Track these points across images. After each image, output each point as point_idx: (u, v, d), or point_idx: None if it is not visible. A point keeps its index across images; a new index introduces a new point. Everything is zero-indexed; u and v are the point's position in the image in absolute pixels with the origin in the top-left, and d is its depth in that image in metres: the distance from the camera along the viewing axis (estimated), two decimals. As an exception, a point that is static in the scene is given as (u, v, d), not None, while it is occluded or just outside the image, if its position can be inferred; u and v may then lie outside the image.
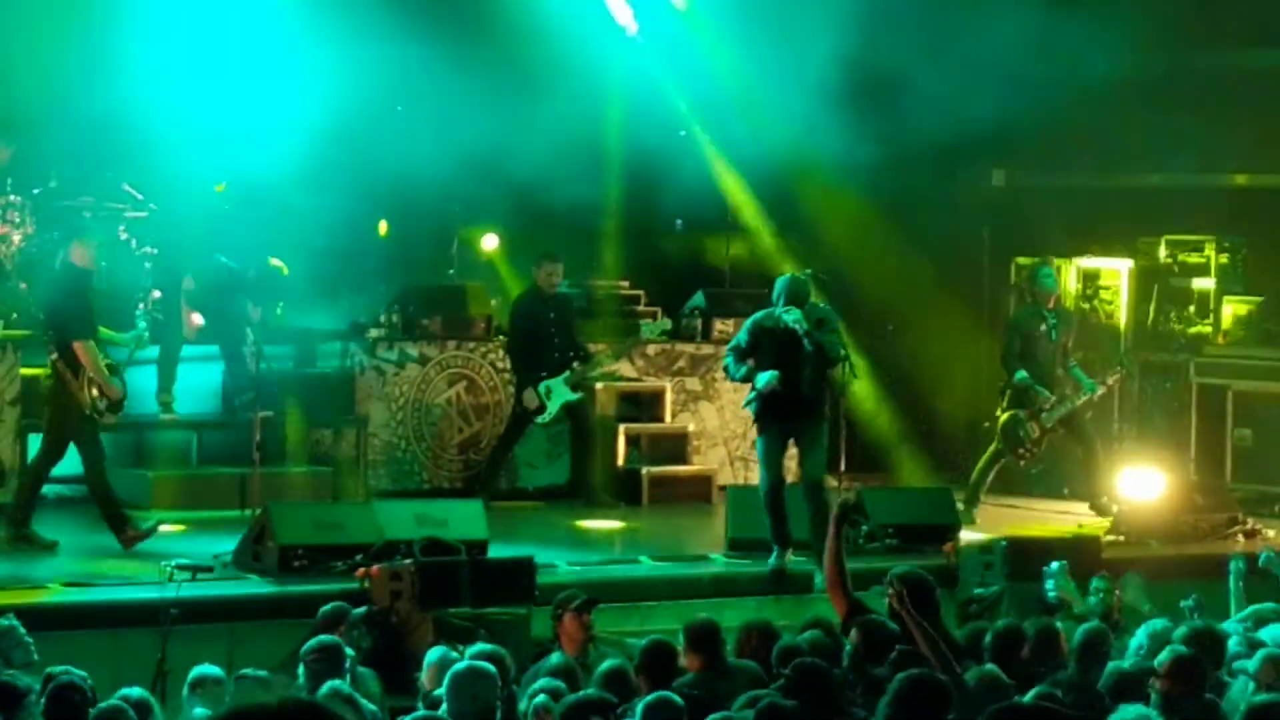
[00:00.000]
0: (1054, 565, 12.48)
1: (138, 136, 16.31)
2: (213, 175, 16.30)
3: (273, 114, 15.90)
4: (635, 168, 17.90)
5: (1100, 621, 10.90)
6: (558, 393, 16.05)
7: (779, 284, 13.93)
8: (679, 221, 18.62)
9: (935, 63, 17.72)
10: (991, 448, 16.28)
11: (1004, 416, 16.11)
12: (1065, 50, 18.17)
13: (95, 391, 13.26)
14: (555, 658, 10.36)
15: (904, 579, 9.97)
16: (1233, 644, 10.15)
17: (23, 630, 9.71)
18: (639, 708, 8.33)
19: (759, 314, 14.00)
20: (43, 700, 8.42)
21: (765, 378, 13.60)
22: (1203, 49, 18.25)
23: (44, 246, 16.23)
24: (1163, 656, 9.08)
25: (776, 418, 13.74)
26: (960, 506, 15.76)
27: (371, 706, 9.19)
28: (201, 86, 16.22)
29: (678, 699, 8.42)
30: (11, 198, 16.31)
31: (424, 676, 9.60)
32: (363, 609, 11.35)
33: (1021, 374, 15.93)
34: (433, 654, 9.74)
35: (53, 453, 13.49)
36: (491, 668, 8.61)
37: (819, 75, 17.11)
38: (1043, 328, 16.13)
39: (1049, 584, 12.30)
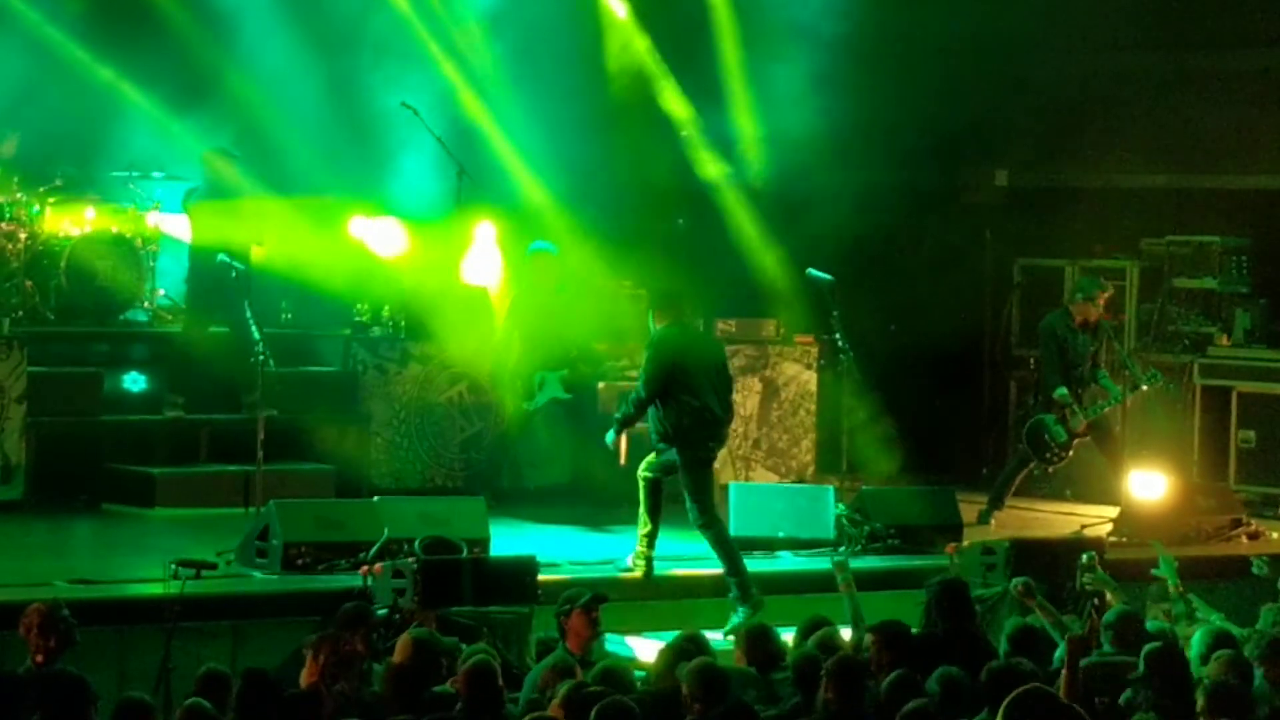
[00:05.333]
0: (1085, 557, 12.44)
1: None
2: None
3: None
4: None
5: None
6: (550, 387, 16.08)
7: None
8: (680, 221, 18.64)
9: (940, 61, 17.78)
10: (1017, 452, 16.27)
11: (1030, 421, 16.06)
12: (1069, 49, 18.22)
13: None
14: (558, 654, 10.40)
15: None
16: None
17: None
18: None
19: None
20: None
21: None
22: (1205, 48, 18.27)
23: (49, 244, 16.32)
24: None
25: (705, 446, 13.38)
26: (983, 507, 15.83)
27: None
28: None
29: None
30: (17, 195, 16.37)
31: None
32: (383, 610, 11.38)
33: (1061, 390, 15.79)
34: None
35: None
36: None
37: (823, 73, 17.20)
38: (1074, 335, 16.01)
39: (1084, 577, 12.23)
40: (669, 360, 13.27)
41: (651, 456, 13.45)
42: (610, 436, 13.73)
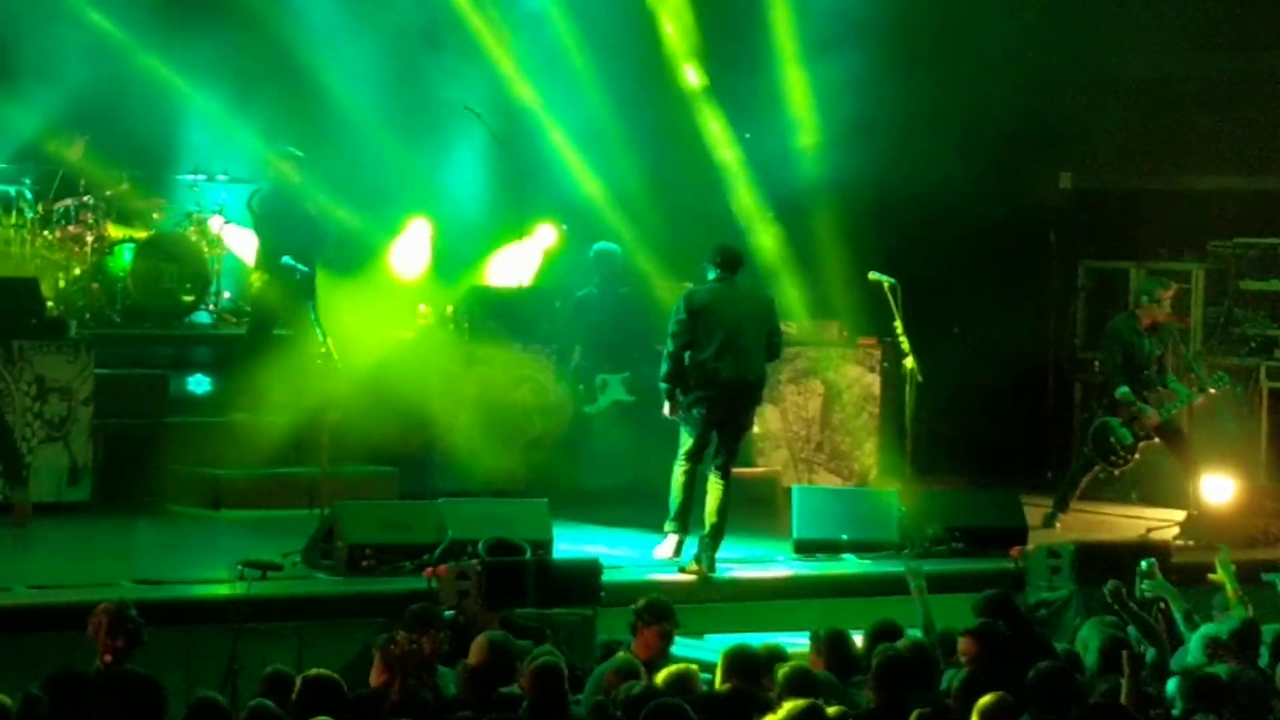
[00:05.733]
0: (1144, 564, 12.30)
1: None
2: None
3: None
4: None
5: None
6: (611, 389, 16.10)
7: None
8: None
9: (1004, 63, 17.72)
10: (1083, 455, 16.20)
11: (1096, 424, 15.98)
12: (1133, 50, 18.13)
13: None
14: (623, 655, 10.38)
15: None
16: None
17: None
18: None
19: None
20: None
21: None
22: (1273, 49, 18.15)
23: (114, 247, 16.42)
24: None
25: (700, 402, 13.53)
26: (1048, 510, 15.77)
27: None
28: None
29: None
30: (84, 198, 16.47)
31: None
32: (451, 612, 11.40)
33: (1124, 389, 15.72)
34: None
35: None
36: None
37: (891, 76, 17.14)
38: (1141, 338, 15.91)
39: (1143, 584, 12.10)
40: (689, 312, 13.39)
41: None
42: (666, 407, 13.74)
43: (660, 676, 9.37)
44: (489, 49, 18.14)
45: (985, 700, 8.41)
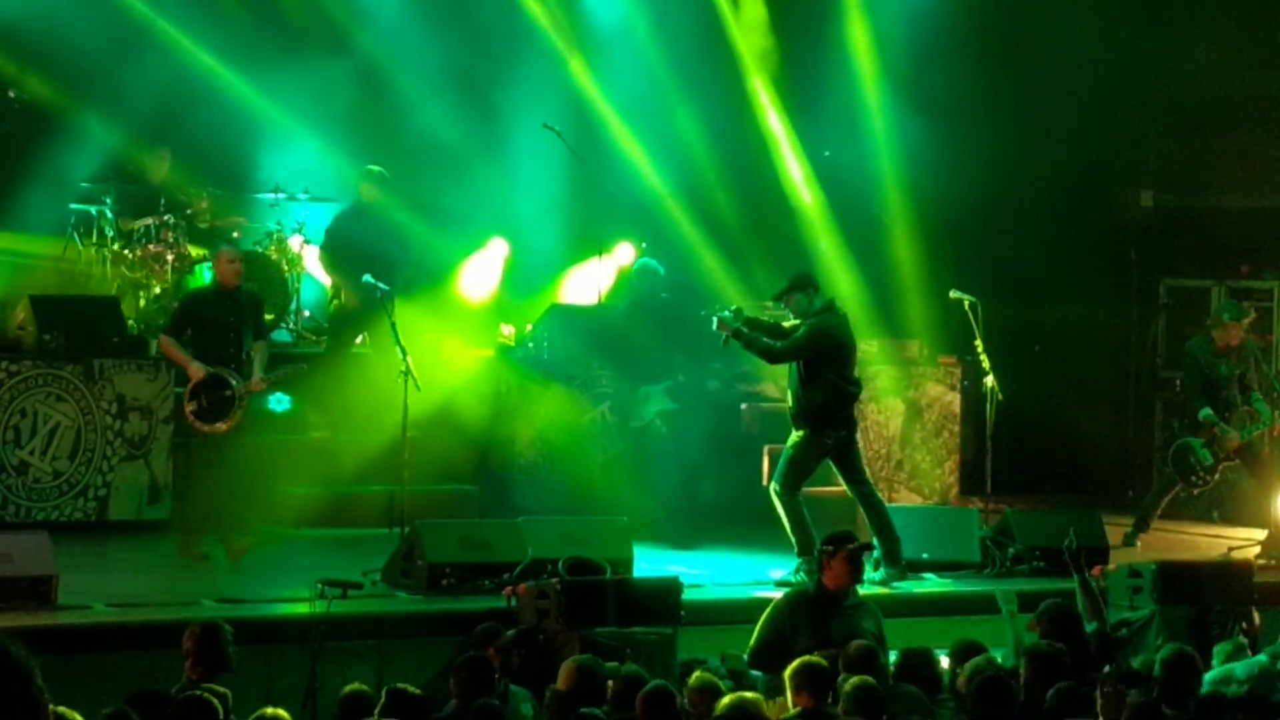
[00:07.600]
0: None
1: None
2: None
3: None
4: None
5: None
6: (655, 400, 16.07)
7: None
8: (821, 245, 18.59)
9: (1084, 82, 17.63)
10: (1164, 475, 16.09)
11: (1176, 444, 15.89)
12: (1215, 69, 18.01)
13: None
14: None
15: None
16: None
17: None
18: None
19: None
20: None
21: None
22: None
23: (195, 266, 16.49)
24: None
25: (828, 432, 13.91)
26: (1129, 529, 15.67)
27: None
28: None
29: None
30: (164, 217, 16.55)
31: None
32: (513, 630, 11.39)
33: (1206, 411, 15.62)
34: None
35: None
36: None
37: (971, 94, 17.08)
38: (1217, 359, 15.80)
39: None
40: (832, 343, 13.72)
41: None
42: (726, 315, 13.96)
43: (721, 704, 9.36)
44: (569, 66, 18.18)
45: None
